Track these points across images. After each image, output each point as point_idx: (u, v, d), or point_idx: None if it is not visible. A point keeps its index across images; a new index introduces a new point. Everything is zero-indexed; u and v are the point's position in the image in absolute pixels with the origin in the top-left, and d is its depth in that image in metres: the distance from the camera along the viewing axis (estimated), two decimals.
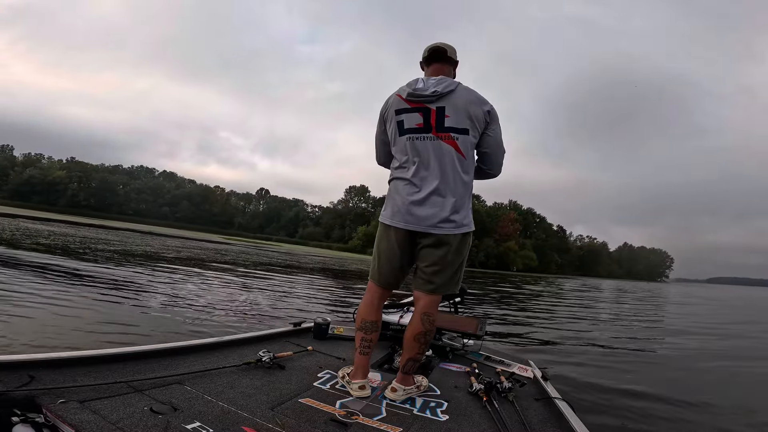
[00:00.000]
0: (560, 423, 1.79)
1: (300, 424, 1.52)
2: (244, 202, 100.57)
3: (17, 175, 73.80)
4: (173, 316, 4.77)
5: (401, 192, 1.93)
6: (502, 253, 74.29)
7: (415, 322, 1.94)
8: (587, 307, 12.88)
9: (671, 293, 32.59)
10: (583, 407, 2.68)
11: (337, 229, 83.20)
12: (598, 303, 15.49)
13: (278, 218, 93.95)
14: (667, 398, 3.48)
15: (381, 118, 2.06)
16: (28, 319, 3.83)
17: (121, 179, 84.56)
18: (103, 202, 76.22)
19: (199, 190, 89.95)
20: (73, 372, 1.59)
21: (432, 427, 1.65)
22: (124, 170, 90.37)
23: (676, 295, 30.25)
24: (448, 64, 2.03)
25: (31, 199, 69.96)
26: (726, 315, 15.06)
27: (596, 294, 21.81)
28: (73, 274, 6.90)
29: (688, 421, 3.04)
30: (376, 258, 2.04)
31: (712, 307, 19.11)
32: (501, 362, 2.71)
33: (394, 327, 2.91)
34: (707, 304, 20.62)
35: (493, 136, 1.96)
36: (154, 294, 6.04)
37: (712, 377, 4.50)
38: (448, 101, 1.88)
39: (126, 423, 1.30)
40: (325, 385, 1.97)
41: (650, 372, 4.48)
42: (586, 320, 9.30)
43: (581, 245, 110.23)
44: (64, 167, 79.13)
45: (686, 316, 13.18)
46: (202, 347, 2.18)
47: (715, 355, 5.98)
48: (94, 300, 5.04)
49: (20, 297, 4.62)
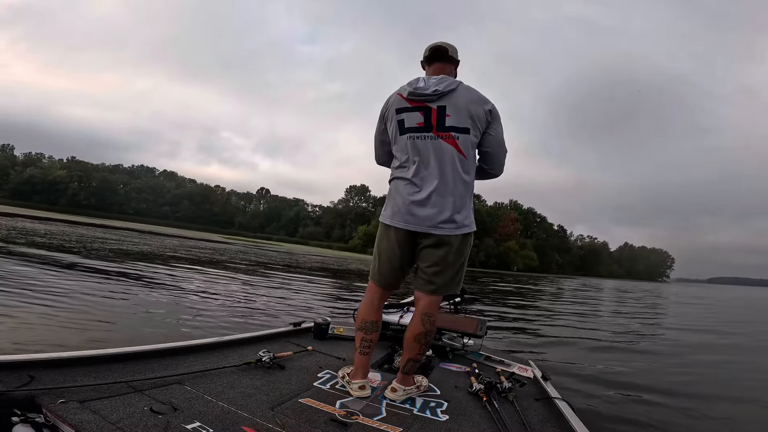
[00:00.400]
0: (560, 423, 1.79)
1: (300, 424, 1.52)
2: (244, 202, 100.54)
3: (18, 174, 73.73)
4: (172, 316, 4.76)
5: (402, 192, 1.92)
6: (502, 252, 74.13)
7: (416, 323, 1.93)
8: (587, 307, 12.87)
9: (672, 293, 32.56)
10: (583, 407, 2.69)
11: (337, 229, 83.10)
12: (598, 303, 15.48)
13: (279, 218, 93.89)
14: (668, 398, 3.47)
15: (381, 117, 2.05)
16: (27, 319, 3.81)
17: (121, 179, 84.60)
18: (104, 202, 76.19)
19: (199, 189, 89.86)
20: (73, 372, 1.59)
21: (432, 427, 1.65)
22: (124, 170, 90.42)
23: (677, 295, 30.24)
24: (449, 64, 2.02)
25: (31, 199, 69.89)
26: (725, 315, 15.06)
27: (596, 294, 21.80)
28: (67, 273, 6.83)
29: (688, 420, 3.03)
30: (376, 258, 2.04)
31: (711, 307, 19.09)
32: (501, 362, 2.71)
33: (394, 327, 2.91)
34: (706, 304, 20.60)
35: (494, 136, 1.94)
36: (152, 293, 6.01)
37: (713, 377, 4.50)
38: (449, 100, 1.87)
39: (126, 423, 1.30)
40: (325, 385, 1.97)
41: (650, 372, 4.48)
42: (587, 320, 9.29)
43: (582, 245, 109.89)
44: (64, 167, 79.13)
45: (686, 316, 13.19)
46: (202, 347, 2.18)
47: (715, 355, 5.97)
48: (90, 299, 4.99)
49: (16, 296, 4.58)
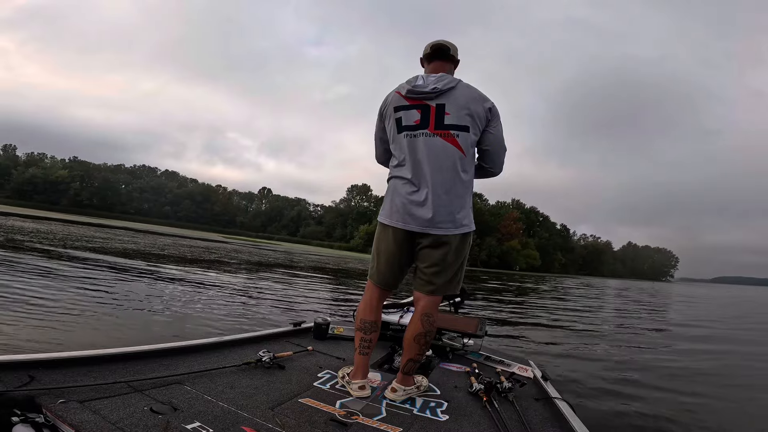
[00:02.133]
0: (560, 423, 1.79)
1: (300, 424, 1.52)
2: (246, 202, 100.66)
3: (19, 174, 73.94)
4: (171, 315, 4.77)
5: (400, 191, 1.90)
6: (504, 252, 74.03)
7: (416, 323, 1.92)
8: (588, 307, 12.86)
9: (675, 293, 32.44)
10: (583, 407, 2.69)
11: (339, 228, 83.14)
12: (598, 302, 15.46)
13: (280, 217, 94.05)
14: (668, 398, 3.48)
15: (380, 116, 2.03)
16: (23, 318, 3.81)
17: (123, 179, 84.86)
18: (105, 202, 76.41)
19: (200, 189, 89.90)
20: (73, 372, 1.59)
21: (432, 427, 1.65)
22: (126, 169, 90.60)
23: (680, 294, 30.12)
24: (449, 62, 2.00)
25: (33, 199, 70.13)
26: (729, 314, 15.01)
27: (597, 293, 21.78)
28: (53, 274, 6.70)
29: (688, 420, 3.03)
30: (375, 258, 2.02)
31: (714, 306, 19.05)
32: (501, 362, 2.70)
33: (394, 327, 2.91)
34: (710, 303, 20.55)
35: (494, 133, 1.92)
36: (148, 293, 6.01)
37: (714, 377, 4.49)
38: (448, 98, 1.85)
39: (126, 423, 1.30)
40: (325, 385, 1.97)
41: (651, 371, 4.47)
42: (587, 320, 9.29)
43: (585, 244, 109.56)
44: (66, 166, 79.26)
45: (688, 315, 13.16)
46: (202, 347, 2.18)
47: (717, 356, 5.96)
48: (84, 299, 4.98)
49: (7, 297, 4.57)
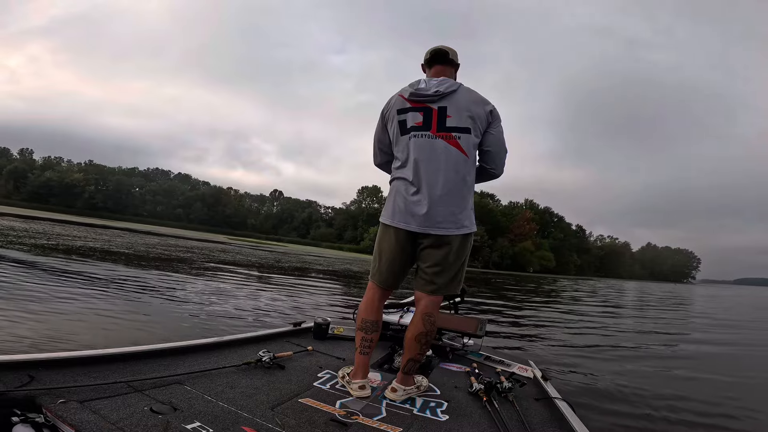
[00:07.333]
0: (560, 423, 1.78)
1: (300, 424, 1.52)
2: (257, 204, 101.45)
3: (36, 177, 75.57)
4: (169, 315, 4.78)
5: (402, 192, 1.93)
6: (517, 253, 72.80)
7: (416, 323, 1.94)
8: (590, 308, 12.64)
9: (693, 294, 31.29)
10: (583, 407, 2.65)
11: (349, 230, 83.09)
12: (602, 303, 15.21)
13: (291, 219, 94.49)
14: (668, 398, 3.42)
15: (382, 118, 2.06)
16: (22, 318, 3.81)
17: (137, 181, 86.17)
18: (119, 204, 77.64)
19: (211, 191, 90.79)
20: (73, 372, 1.60)
21: (432, 427, 1.65)
22: (140, 173, 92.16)
23: (696, 296, 29.29)
24: (449, 66, 2.04)
25: (49, 202, 71.45)
26: (743, 315, 14.69)
27: (605, 294, 21.48)
28: (57, 273, 6.71)
29: (688, 421, 2.98)
30: (376, 258, 2.04)
31: (727, 306, 18.68)
32: (501, 362, 2.69)
33: (394, 327, 2.91)
34: (721, 305, 20.14)
35: (495, 135, 1.96)
36: (147, 293, 6.00)
37: (716, 378, 4.37)
38: (450, 101, 1.89)
39: (126, 423, 1.31)
40: (325, 385, 1.97)
41: (651, 372, 4.41)
42: (588, 320, 9.18)
43: (602, 245, 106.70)
44: (81, 170, 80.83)
45: (692, 315, 12.93)
46: (202, 347, 2.19)
47: (719, 356, 5.86)
48: (85, 300, 4.97)
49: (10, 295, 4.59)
